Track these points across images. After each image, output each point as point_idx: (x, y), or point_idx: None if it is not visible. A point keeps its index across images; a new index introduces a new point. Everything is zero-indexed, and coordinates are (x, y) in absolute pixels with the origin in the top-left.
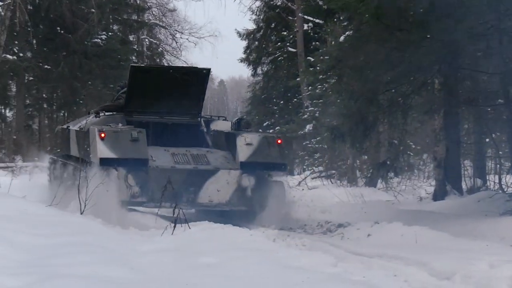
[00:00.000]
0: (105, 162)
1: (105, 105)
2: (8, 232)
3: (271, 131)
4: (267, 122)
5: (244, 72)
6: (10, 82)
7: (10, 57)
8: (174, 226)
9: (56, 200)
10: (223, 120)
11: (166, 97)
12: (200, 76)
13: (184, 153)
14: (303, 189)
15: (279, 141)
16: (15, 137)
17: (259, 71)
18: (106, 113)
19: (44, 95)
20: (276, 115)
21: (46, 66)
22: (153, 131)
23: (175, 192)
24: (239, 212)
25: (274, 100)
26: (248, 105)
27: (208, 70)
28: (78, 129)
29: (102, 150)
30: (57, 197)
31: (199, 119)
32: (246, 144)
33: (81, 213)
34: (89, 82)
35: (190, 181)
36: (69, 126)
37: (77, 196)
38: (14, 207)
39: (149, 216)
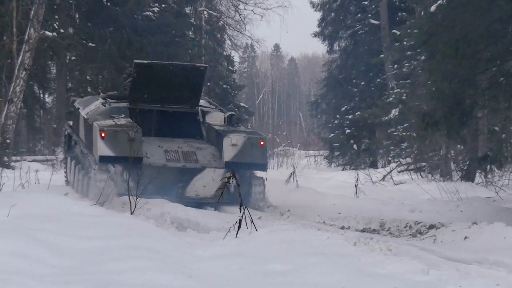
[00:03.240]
0: (104, 160)
1: (112, 94)
2: (48, 234)
3: (350, 117)
4: (345, 107)
5: (319, 48)
6: (50, 62)
7: (49, 33)
8: (238, 228)
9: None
10: (219, 111)
11: (167, 89)
12: (198, 72)
13: (176, 150)
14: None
15: (261, 143)
16: (55, 126)
17: (336, 47)
18: (112, 102)
19: (88, 77)
20: (356, 98)
21: (90, 44)
22: (154, 118)
23: (165, 186)
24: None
25: (354, 80)
26: (323, 87)
27: (205, 67)
28: (85, 116)
29: (102, 148)
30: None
31: (196, 108)
32: (231, 145)
33: (132, 213)
34: None
35: (179, 178)
36: (79, 108)
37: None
38: (55, 206)
39: (210, 216)
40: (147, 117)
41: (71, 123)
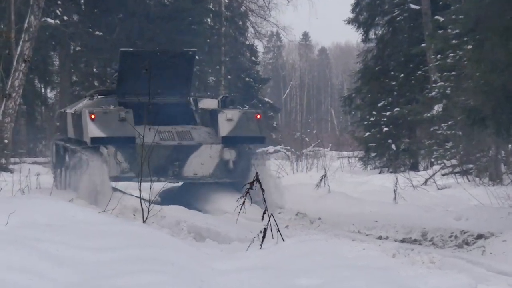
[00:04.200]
0: (95, 141)
1: (100, 89)
2: (51, 245)
3: (387, 113)
4: (382, 102)
5: (353, 37)
6: (52, 53)
7: (51, 21)
8: (263, 238)
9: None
10: (211, 98)
11: (156, 78)
12: (187, 57)
13: (170, 130)
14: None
15: (258, 116)
16: (58, 123)
17: (371, 35)
18: (100, 97)
19: (94, 69)
20: (395, 93)
21: (97, 33)
22: (144, 111)
23: (161, 166)
24: (223, 184)
25: (392, 73)
26: (358, 80)
27: (194, 52)
28: (73, 112)
29: (93, 130)
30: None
31: (188, 98)
32: (227, 120)
33: (144, 221)
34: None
35: (175, 156)
36: (66, 110)
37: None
38: (58, 213)
39: (231, 224)
40: (137, 108)
41: (58, 134)
